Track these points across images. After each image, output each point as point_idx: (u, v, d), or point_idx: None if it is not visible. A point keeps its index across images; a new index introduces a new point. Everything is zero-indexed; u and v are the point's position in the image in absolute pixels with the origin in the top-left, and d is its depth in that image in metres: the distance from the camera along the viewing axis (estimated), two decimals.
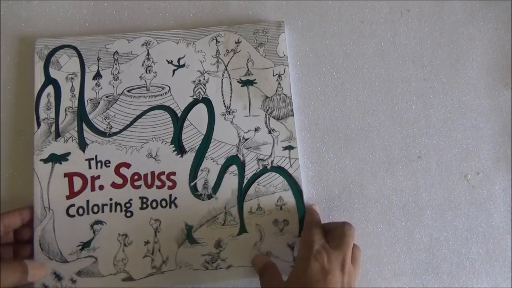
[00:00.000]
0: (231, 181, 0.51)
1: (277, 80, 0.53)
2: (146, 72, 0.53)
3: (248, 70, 0.54)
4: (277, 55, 0.54)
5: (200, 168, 0.51)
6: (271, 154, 0.52)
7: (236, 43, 0.54)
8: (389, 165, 0.54)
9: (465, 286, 0.52)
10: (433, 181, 0.54)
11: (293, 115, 0.52)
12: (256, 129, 0.52)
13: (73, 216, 0.49)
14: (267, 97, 0.53)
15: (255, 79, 0.53)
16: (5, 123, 0.53)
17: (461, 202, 0.54)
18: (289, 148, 0.52)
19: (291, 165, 0.51)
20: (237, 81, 0.53)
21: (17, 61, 0.54)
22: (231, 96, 0.53)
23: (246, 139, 0.52)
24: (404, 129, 0.55)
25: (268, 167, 0.52)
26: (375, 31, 0.57)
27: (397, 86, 0.56)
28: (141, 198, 0.50)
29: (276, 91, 0.53)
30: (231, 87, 0.53)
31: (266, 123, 0.52)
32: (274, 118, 0.52)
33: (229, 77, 0.53)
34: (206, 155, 0.51)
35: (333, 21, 0.57)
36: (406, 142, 0.55)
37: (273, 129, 0.52)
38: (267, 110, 0.53)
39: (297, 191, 0.51)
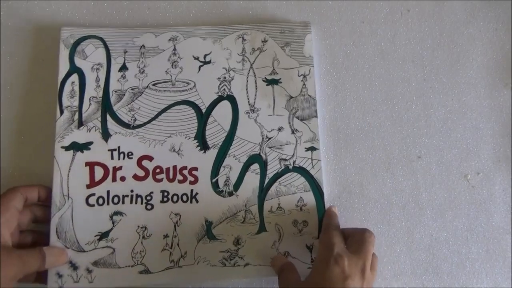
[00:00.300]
0: (252, 179, 0.51)
1: (302, 80, 0.53)
2: (172, 67, 0.53)
3: (273, 69, 0.54)
4: (303, 56, 0.54)
5: (222, 165, 0.51)
6: (293, 154, 0.52)
7: (262, 42, 0.54)
8: (389, 165, 0.54)
9: (465, 286, 0.52)
10: (433, 181, 0.54)
11: (316, 116, 0.52)
12: (280, 129, 0.52)
13: (93, 205, 0.49)
14: (291, 97, 0.53)
15: (280, 79, 0.54)
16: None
17: (461, 202, 0.54)
18: (312, 149, 0.52)
19: (313, 166, 0.51)
20: (262, 80, 0.53)
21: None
22: (255, 95, 0.53)
23: (269, 138, 0.52)
24: (404, 129, 0.55)
25: (290, 167, 0.51)
26: (375, 31, 0.57)
27: (397, 86, 0.56)
28: (162, 191, 0.50)
29: (301, 91, 0.53)
30: (256, 86, 0.53)
31: (289, 123, 0.52)
32: (298, 119, 0.53)
33: (254, 76, 0.54)
34: (229, 152, 0.51)
35: (333, 21, 0.57)
36: (406, 142, 0.55)
37: (296, 130, 0.52)
38: (291, 110, 0.53)
39: (318, 193, 0.51)
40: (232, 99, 0.53)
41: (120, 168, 0.50)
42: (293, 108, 0.53)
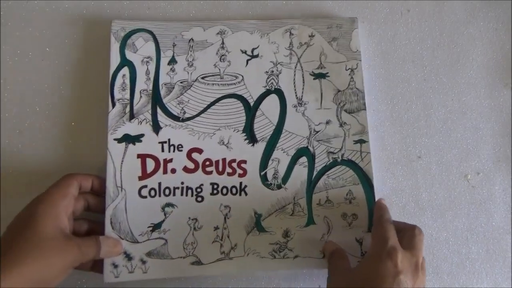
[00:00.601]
0: (300, 172, 0.51)
1: (349, 74, 0.53)
2: (220, 61, 0.53)
3: (320, 63, 0.54)
4: (350, 50, 0.54)
5: (271, 158, 0.51)
6: (342, 147, 0.52)
7: (309, 36, 0.54)
8: (389, 165, 0.54)
9: (465, 286, 0.52)
10: (433, 181, 0.54)
11: (365, 109, 0.52)
12: (327, 122, 0.52)
13: (145, 197, 0.50)
14: (339, 91, 0.53)
15: (328, 73, 0.54)
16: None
17: (461, 202, 0.54)
18: (361, 141, 0.52)
19: (362, 159, 0.51)
20: (310, 74, 0.54)
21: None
22: (303, 88, 0.53)
23: (317, 132, 0.52)
24: (404, 129, 0.55)
25: (339, 160, 0.52)
26: (375, 31, 0.57)
27: (397, 86, 0.56)
28: (212, 184, 0.51)
29: (349, 85, 0.53)
30: (303, 79, 0.53)
31: (337, 116, 0.53)
32: (346, 112, 0.53)
33: (302, 70, 0.54)
34: (277, 145, 0.52)
35: None
36: (406, 142, 0.55)
37: (344, 123, 0.52)
38: (339, 104, 0.53)
39: (368, 186, 0.51)
40: (279, 93, 0.53)
41: (171, 160, 0.51)
42: (341, 101, 0.53)
